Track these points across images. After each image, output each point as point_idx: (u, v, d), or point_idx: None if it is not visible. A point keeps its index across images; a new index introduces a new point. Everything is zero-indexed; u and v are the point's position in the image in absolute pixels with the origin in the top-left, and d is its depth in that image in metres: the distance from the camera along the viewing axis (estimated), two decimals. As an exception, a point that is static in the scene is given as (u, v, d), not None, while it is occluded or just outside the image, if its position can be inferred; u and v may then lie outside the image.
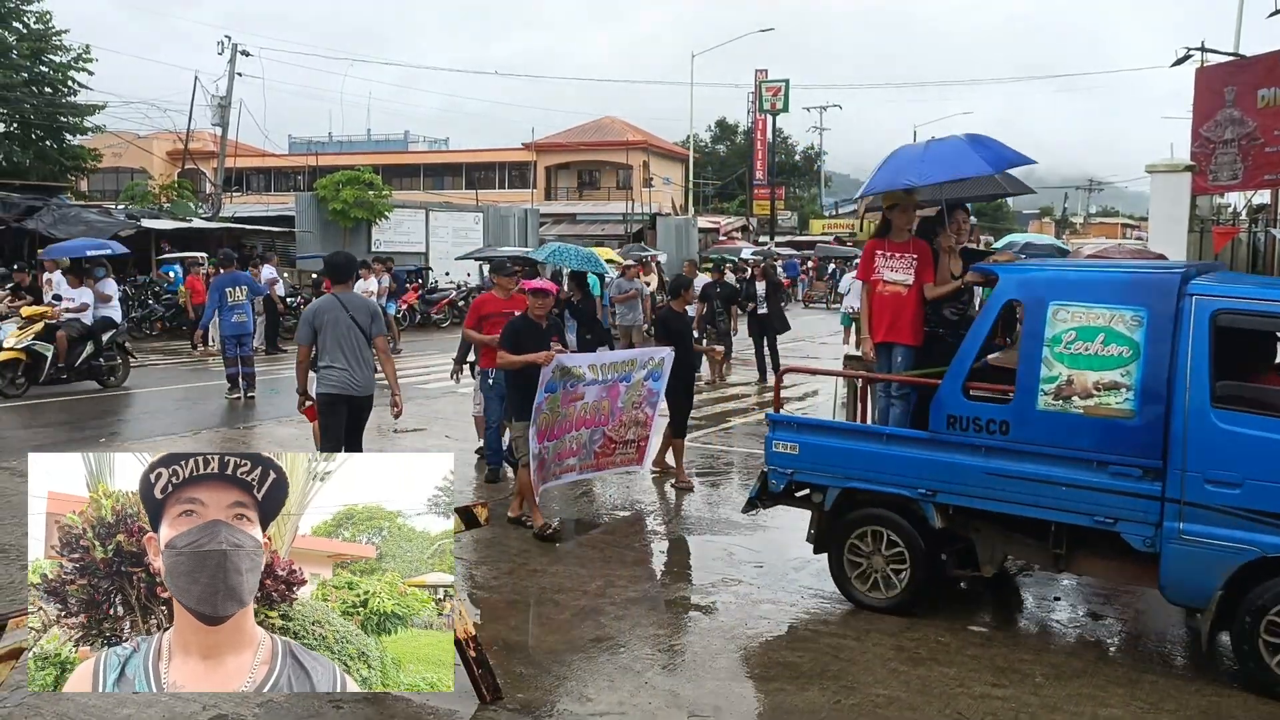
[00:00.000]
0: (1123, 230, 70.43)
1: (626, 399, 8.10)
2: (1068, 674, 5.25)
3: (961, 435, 5.69)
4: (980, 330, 5.81)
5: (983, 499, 5.65)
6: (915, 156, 6.63)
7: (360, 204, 31.03)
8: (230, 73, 32.85)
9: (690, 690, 5.03)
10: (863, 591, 6.10)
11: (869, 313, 6.76)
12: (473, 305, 9.18)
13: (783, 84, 54.26)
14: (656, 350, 8.55)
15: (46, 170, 32.38)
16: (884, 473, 5.96)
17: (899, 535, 5.95)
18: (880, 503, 6.04)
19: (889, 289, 6.65)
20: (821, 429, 6.49)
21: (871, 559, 6.07)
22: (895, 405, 6.50)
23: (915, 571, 5.92)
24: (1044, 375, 5.45)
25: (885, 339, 6.67)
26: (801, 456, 6.24)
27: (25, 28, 32.49)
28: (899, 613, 5.94)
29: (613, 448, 8.17)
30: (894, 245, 6.72)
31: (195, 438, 11.45)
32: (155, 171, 45.92)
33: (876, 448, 6.05)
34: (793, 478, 6.29)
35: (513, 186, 57.51)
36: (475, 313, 9.03)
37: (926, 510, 5.82)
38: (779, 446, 6.32)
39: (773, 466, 6.37)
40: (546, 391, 7.40)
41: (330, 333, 7.33)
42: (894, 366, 6.64)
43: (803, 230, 65.46)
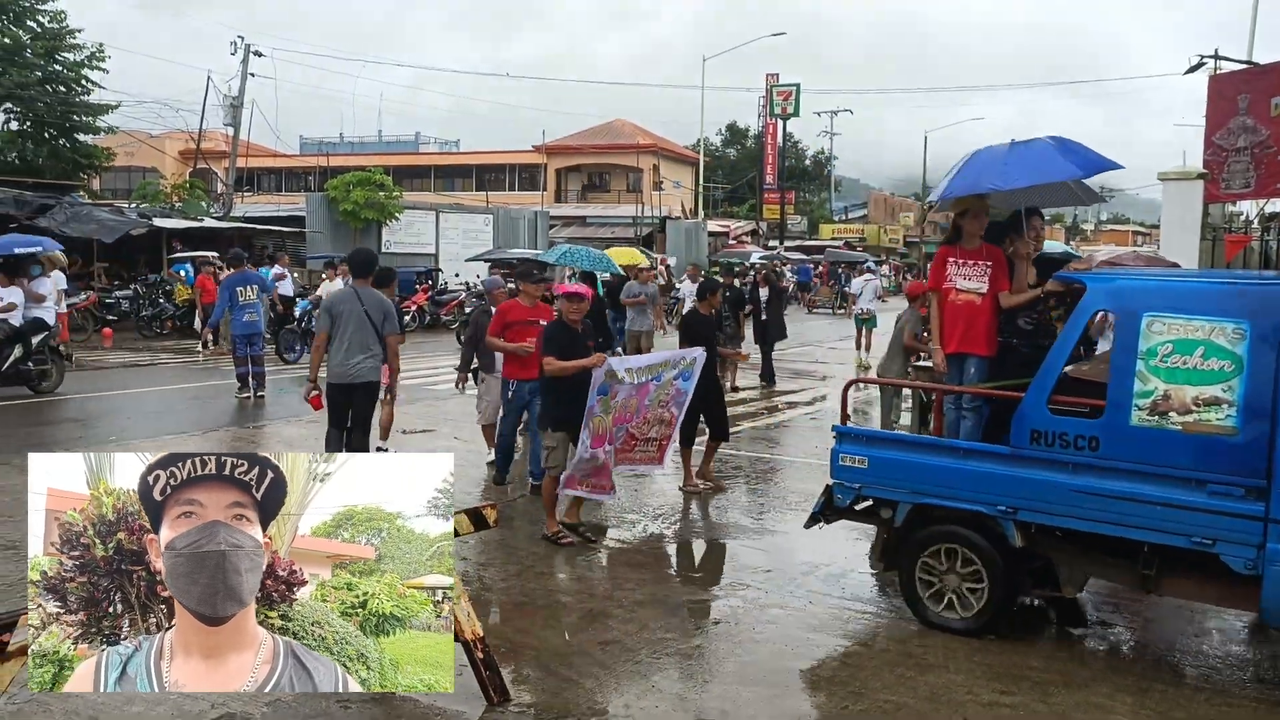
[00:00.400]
0: (1134, 238, 70.26)
1: (654, 397, 7.94)
2: (1076, 682, 5.22)
3: (1046, 451, 5.45)
4: (1067, 342, 5.59)
5: (1068, 517, 5.42)
6: (998, 159, 6.30)
7: (371, 205, 31.13)
8: (243, 73, 33.01)
9: (697, 694, 5.02)
10: (936, 612, 5.84)
11: (940, 322, 6.51)
12: (497, 313, 8.79)
13: (794, 88, 54.27)
14: (689, 351, 8.36)
15: (59, 169, 32.52)
16: (961, 488, 5.72)
17: (976, 554, 5.69)
18: (956, 519, 5.79)
19: (962, 297, 6.39)
20: (893, 442, 6.24)
21: (945, 578, 5.81)
22: (967, 418, 6.28)
23: (993, 591, 5.66)
24: (1138, 390, 5.21)
25: (958, 349, 6.41)
26: (871, 470, 6.00)
27: (39, 27, 32.66)
28: (975, 634, 5.69)
29: (633, 444, 7.98)
30: (966, 252, 6.45)
31: (204, 437, 11.48)
32: (167, 171, 46.10)
33: (953, 462, 5.80)
34: (860, 492, 6.05)
35: (523, 189, 57.61)
36: (500, 321, 8.65)
37: (1006, 528, 5.57)
38: (847, 460, 6.07)
39: (839, 480, 6.11)
40: (599, 394, 7.22)
41: (343, 323, 8.02)
42: (966, 378, 6.40)
43: (812, 235, 65.45)
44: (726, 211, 66.12)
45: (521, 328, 8.50)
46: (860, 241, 65.78)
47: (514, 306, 8.72)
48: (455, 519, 4.69)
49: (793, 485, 9.44)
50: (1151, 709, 4.95)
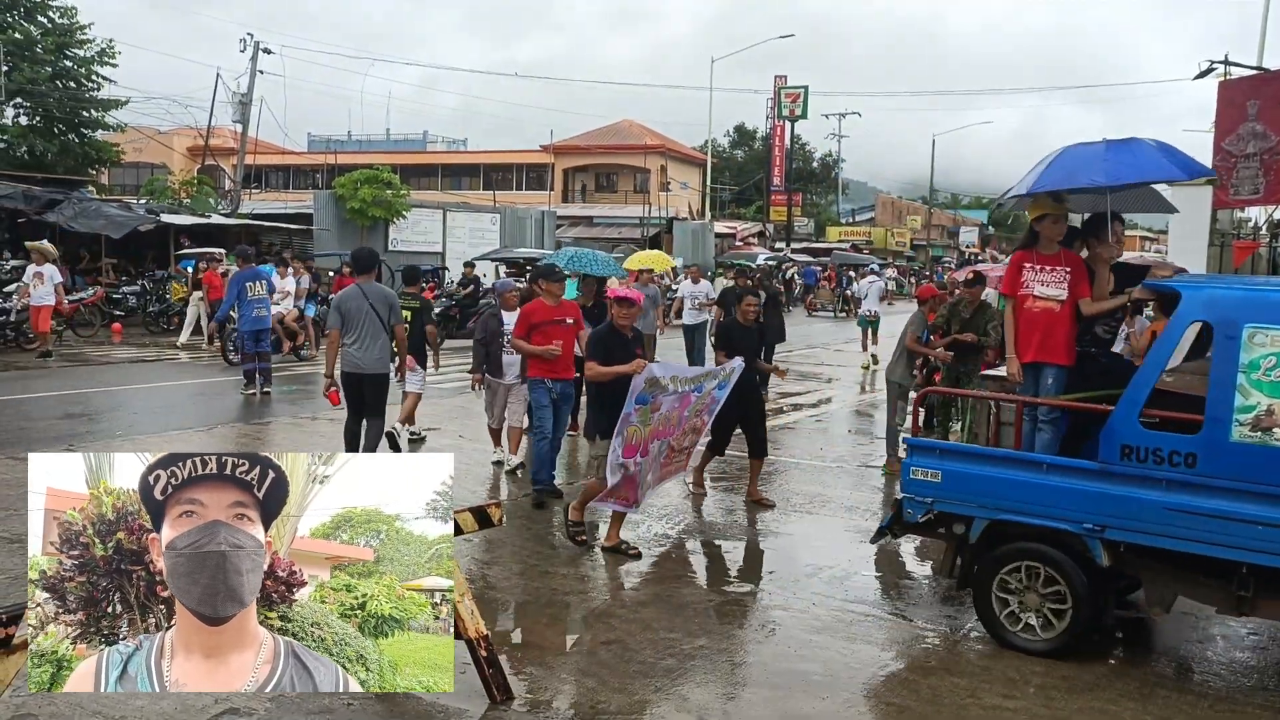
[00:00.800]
0: (1141, 243, 70.09)
1: (694, 407, 7.70)
2: (1079, 687, 5.22)
3: (1139, 467, 5.23)
4: (1162, 353, 5.37)
5: (1161, 536, 5.20)
6: (1095, 156, 5.96)
7: (378, 203, 31.17)
8: (252, 70, 33.07)
9: (700, 695, 5.02)
10: (1015, 632, 5.61)
11: (1015, 330, 6.22)
12: (521, 315, 8.60)
13: (802, 91, 54.30)
14: (729, 363, 8.10)
15: (68, 164, 32.64)
16: (1043, 505, 5.48)
17: (1059, 573, 5.46)
18: (1036, 537, 5.56)
19: (1039, 304, 6.09)
20: (969, 455, 5.97)
21: (1025, 597, 5.59)
22: (1044, 430, 6.01)
23: (1077, 612, 5.43)
24: (1239, 404, 4.99)
25: (1036, 359, 6.12)
26: (945, 485, 5.74)
27: (50, 22, 32.80)
28: (1057, 656, 5.47)
29: (672, 457, 7.78)
30: (1043, 257, 6.16)
31: (210, 433, 11.49)
32: (175, 167, 46.24)
33: (1034, 477, 5.55)
34: (933, 507, 5.81)
35: (530, 188, 57.66)
36: (525, 322, 8.43)
37: (1093, 547, 5.35)
38: (919, 474, 5.82)
39: (910, 494, 5.87)
40: (638, 403, 6.95)
41: (351, 318, 8.53)
42: (1043, 388, 6.12)
43: (819, 237, 65.46)
44: (733, 213, 66.14)
45: (548, 328, 8.36)
46: (867, 244, 65.76)
47: (539, 307, 8.51)
48: (459, 517, 4.70)
49: (797, 487, 9.44)
50: (1155, 714, 4.94)
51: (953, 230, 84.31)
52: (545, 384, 8.49)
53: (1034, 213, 6.30)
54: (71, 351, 18.54)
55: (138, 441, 10.69)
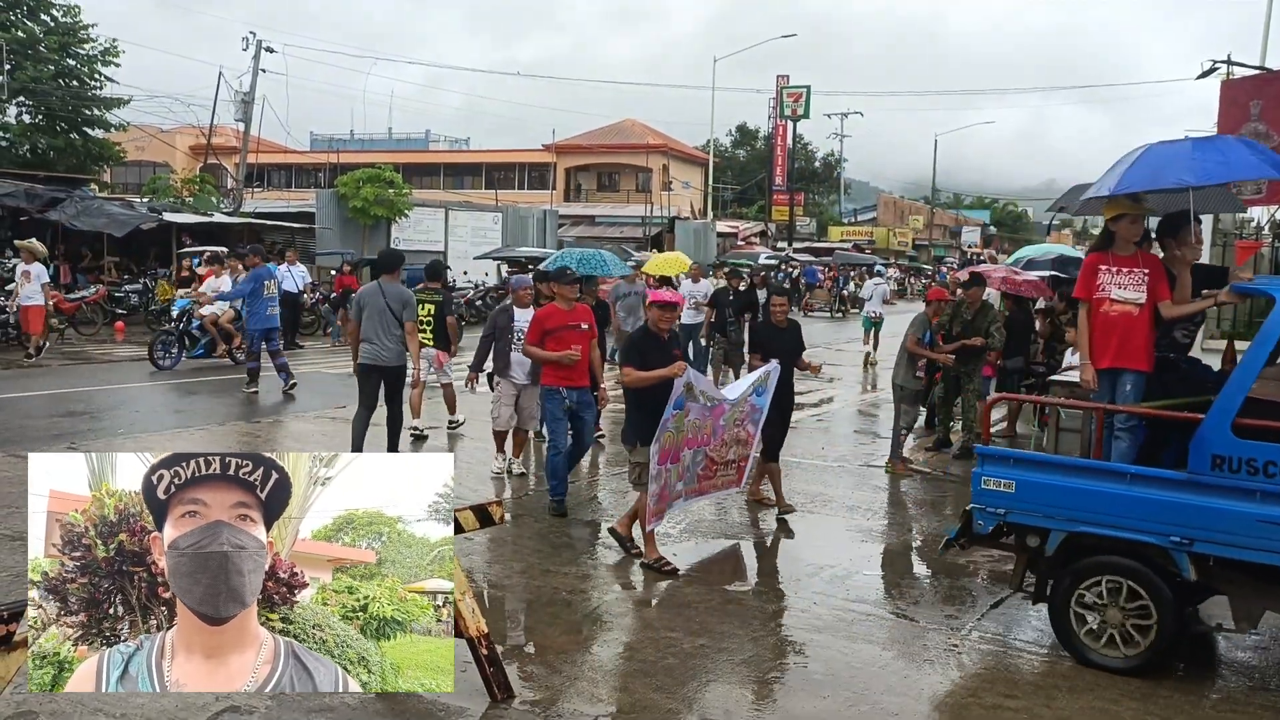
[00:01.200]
0: (1144, 243, 69.96)
1: (729, 416, 7.45)
2: (1080, 686, 5.21)
3: (1231, 478, 5.03)
4: (1256, 360, 5.15)
5: (1254, 550, 4.98)
6: (1182, 154, 5.70)
7: (380, 202, 31.20)
8: (254, 68, 33.08)
9: (701, 694, 5.02)
10: (1096, 650, 5.40)
11: (1090, 335, 5.98)
12: (534, 320, 8.37)
13: (804, 90, 54.29)
14: (764, 367, 7.91)
15: (71, 162, 32.68)
16: (1125, 517, 5.28)
17: (1143, 587, 5.26)
18: (1118, 550, 5.36)
19: (1117, 308, 5.86)
20: (1045, 465, 5.69)
21: (1106, 613, 5.37)
22: (1120, 439, 5.78)
23: (1162, 627, 5.23)
24: None
25: (1113, 364, 5.87)
26: (1019, 495, 5.54)
27: (53, 21, 32.84)
28: (1138, 674, 5.29)
29: (714, 469, 7.51)
30: (1120, 259, 5.92)
31: (211, 431, 11.49)
32: (178, 165, 46.29)
33: (1118, 488, 5.32)
34: (1005, 518, 5.62)
35: (532, 187, 57.69)
36: (538, 327, 8.19)
37: (1179, 560, 5.15)
38: (990, 483, 5.60)
39: (981, 505, 5.65)
40: (675, 408, 6.76)
41: (369, 314, 9.15)
42: (1121, 395, 5.88)
43: (821, 237, 65.46)
44: (735, 212, 66.16)
45: (563, 333, 8.12)
46: (869, 244, 65.76)
47: (553, 312, 8.29)
48: (461, 515, 4.70)
49: (798, 487, 9.43)
50: (1156, 715, 4.94)
51: (954, 230, 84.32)
52: (560, 393, 8.19)
53: (1110, 213, 6.04)
54: (73, 349, 18.55)
55: (139, 440, 10.70)
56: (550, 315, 8.26)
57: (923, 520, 8.57)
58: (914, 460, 10.28)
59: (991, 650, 5.69)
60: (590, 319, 8.53)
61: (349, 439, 9.23)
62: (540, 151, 58.56)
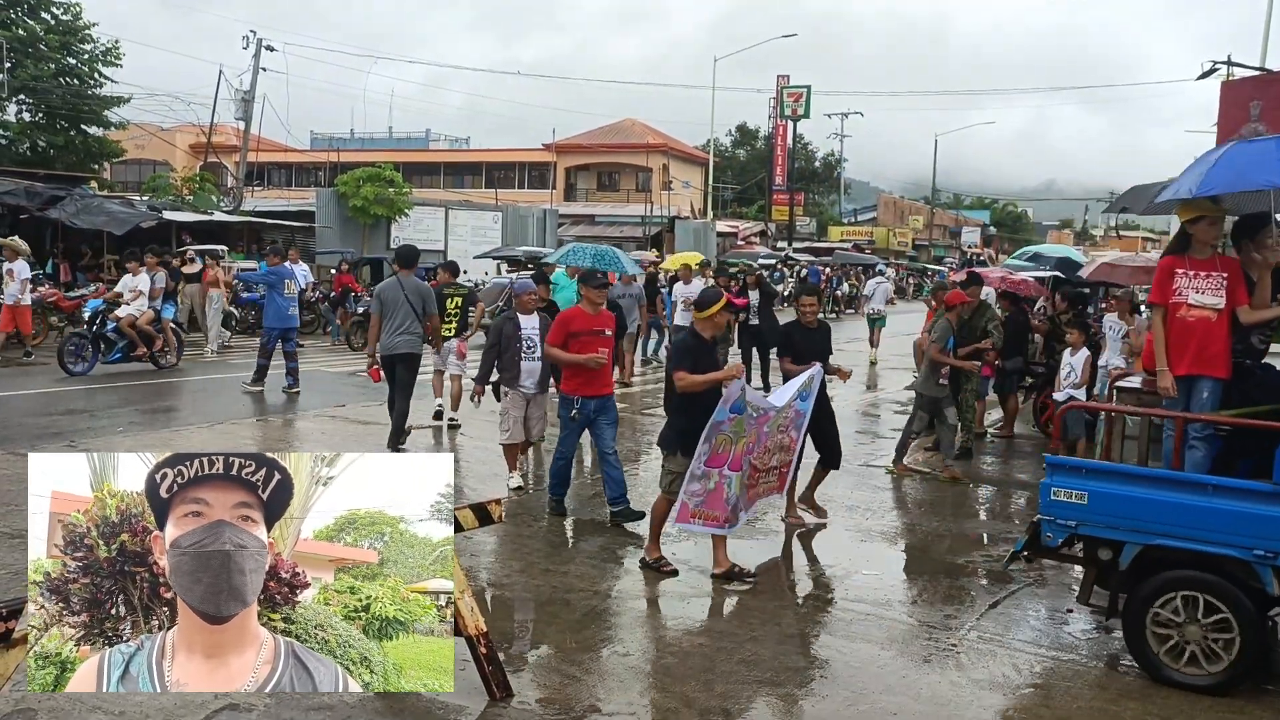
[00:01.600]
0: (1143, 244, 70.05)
1: (774, 423, 7.19)
2: (1080, 686, 5.21)
3: None
4: None
5: None
6: (1267, 154, 5.46)
7: (380, 201, 31.23)
8: (254, 67, 33.08)
9: (700, 693, 5.02)
10: (1176, 668, 5.21)
11: (1167, 341, 5.81)
12: (557, 321, 8.08)
13: (804, 90, 54.32)
14: (805, 372, 7.57)
15: (71, 160, 32.68)
16: (1207, 530, 5.08)
17: (1224, 602, 5.07)
18: (1197, 563, 5.17)
19: (1195, 314, 5.71)
20: (1122, 476, 5.46)
21: (1185, 629, 5.17)
22: (1195, 448, 5.64)
23: (1245, 643, 5.05)
24: None
25: (1190, 371, 5.72)
26: (1092, 507, 5.33)
27: (54, 19, 32.84)
28: (1220, 692, 5.14)
29: (757, 478, 7.27)
30: (1198, 263, 5.77)
31: (212, 430, 11.48)
32: (178, 164, 46.29)
33: (1198, 500, 5.12)
34: (1077, 530, 5.42)
35: (532, 187, 57.72)
36: (562, 330, 7.88)
37: (1263, 574, 4.98)
38: (1061, 494, 5.38)
39: (1050, 516, 5.44)
40: (734, 411, 6.53)
41: (388, 306, 9.80)
42: (1197, 402, 5.73)
43: (821, 237, 65.49)
44: (735, 212, 66.16)
45: (588, 338, 7.86)
46: (869, 244, 65.79)
47: (578, 315, 8.00)
48: (460, 514, 4.70)
49: (798, 488, 9.42)
50: (1155, 714, 4.94)
51: (954, 230, 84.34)
52: (572, 402, 7.92)
53: (1186, 215, 5.87)
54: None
55: (139, 438, 10.70)
56: (575, 318, 7.98)
57: (922, 520, 8.57)
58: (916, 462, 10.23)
59: (990, 650, 5.69)
60: (614, 325, 8.27)
61: (349, 437, 9.28)
62: (540, 151, 58.58)
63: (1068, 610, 6.43)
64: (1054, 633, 6.09)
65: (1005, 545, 7.84)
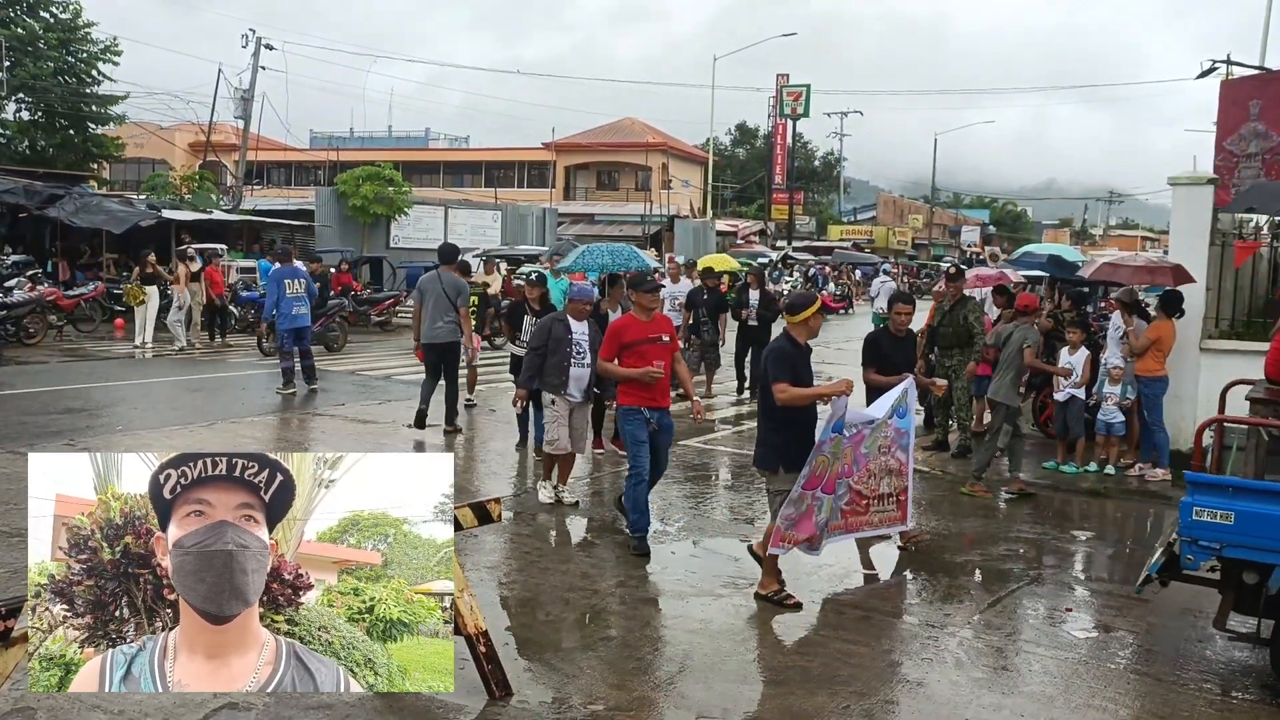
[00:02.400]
0: (1142, 243, 70.08)
1: (870, 444, 6.84)
2: (1078, 686, 5.22)
3: None
4: None
5: None
6: None
7: (380, 200, 31.22)
8: (253, 66, 33.07)
9: (699, 691, 5.03)
10: None
11: None
12: (610, 332, 7.54)
13: (804, 89, 54.26)
14: (898, 385, 7.16)
15: (70, 159, 32.67)
16: None
17: None
18: None
19: None
20: (1272, 495, 5.04)
21: None
22: None
23: None
24: None
25: None
26: (1239, 527, 4.97)
27: (53, 18, 32.83)
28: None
29: (864, 504, 6.91)
30: None
31: (211, 429, 11.49)
32: (176, 162, 46.27)
33: None
34: (1222, 552, 5.07)
35: (532, 186, 57.70)
36: (615, 341, 7.34)
37: None
38: (1204, 514, 5.00)
39: (1192, 538, 5.07)
40: (834, 430, 6.21)
41: (429, 299, 11.03)
42: None
43: (820, 236, 65.48)
44: (735, 211, 66.15)
45: (644, 347, 7.26)
46: (868, 243, 65.81)
47: (631, 323, 7.41)
48: (460, 513, 4.70)
49: (797, 486, 9.43)
50: (1153, 712, 4.95)
51: (954, 229, 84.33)
52: (642, 414, 7.30)
53: None
54: (72, 346, 18.54)
55: (138, 437, 10.70)
56: (628, 326, 7.41)
57: (921, 520, 8.57)
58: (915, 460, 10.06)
59: (989, 649, 5.69)
60: (671, 330, 7.73)
61: (348, 436, 9.30)
62: (540, 150, 58.56)
63: (1066, 609, 6.44)
64: (1053, 631, 6.09)
65: (1004, 545, 7.85)
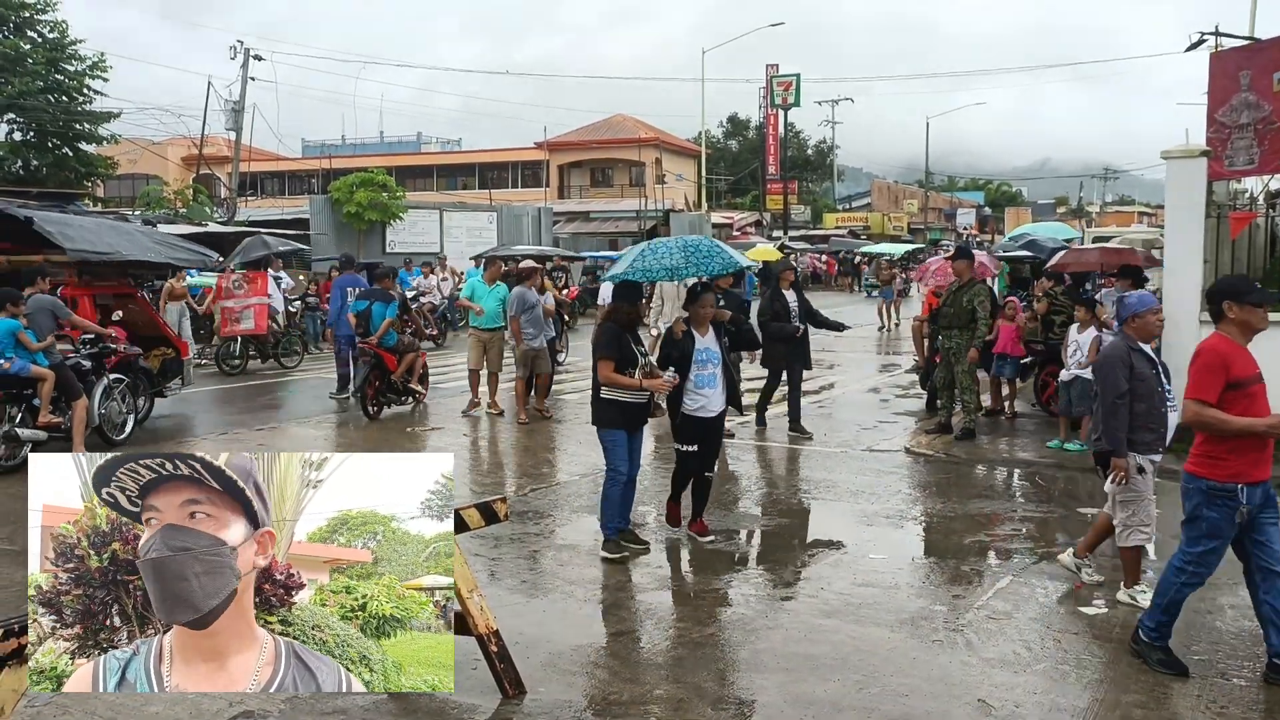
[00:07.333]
0: (1139, 218, 69.99)
1: None
2: (1088, 666, 5.22)
3: None
4: None
5: None
6: None
7: (374, 206, 31.19)
8: (243, 77, 33.06)
9: (712, 683, 5.03)
10: None
11: None
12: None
13: (794, 78, 54.14)
14: None
15: (63, 177, 32.67)
16: None
17: None
18: None
19: None
20: None
21: None
22: None
23: None
24: None
25: None
26: None
27: (40, 37, 32.82)
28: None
29: None
30: None
31: (219, 438, 11.50)
32: (170, 177, 46.19)
33: None
34: None
35: (526, 185, 57.66)
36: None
37: None
38: None
39: None
40: None
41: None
42: None
43: (816, 224, 65.44)
44: (730, 203, 66.07)
45: None
46: (864, 229, 65.73)
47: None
48: (466, 513, 4.70)
49: (803, 473, 9.45)
50: (1165, 686, 4.95)
51: (949, 212, 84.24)
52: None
53: None
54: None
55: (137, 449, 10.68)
56: None
57: (927, 503, 8.57)
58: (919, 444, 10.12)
59: (999, 630, 5.69)
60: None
61: (348, 442, 9.23)
62: (533, 150, 58.52)
63: (1076, 586, 6.43)
64: (1063, 610, 6.09)
65: (1011, 525, 7.86)
